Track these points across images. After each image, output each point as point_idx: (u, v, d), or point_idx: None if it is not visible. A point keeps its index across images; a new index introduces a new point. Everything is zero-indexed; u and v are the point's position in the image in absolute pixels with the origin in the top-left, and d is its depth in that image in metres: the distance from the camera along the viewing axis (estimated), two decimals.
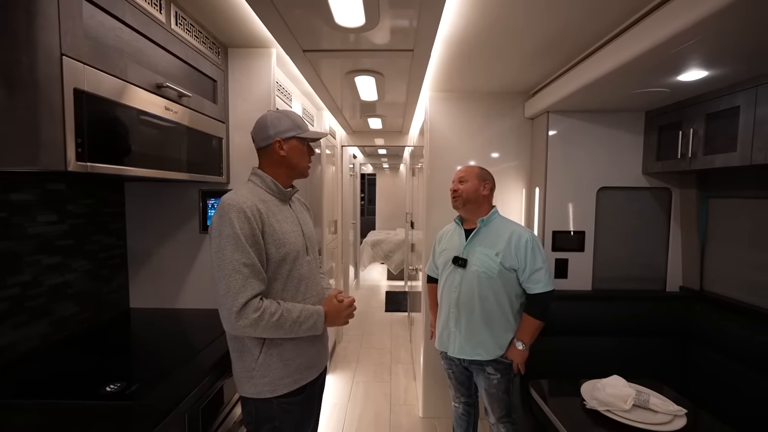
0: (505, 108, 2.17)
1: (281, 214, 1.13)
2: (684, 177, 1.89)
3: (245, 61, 1.66)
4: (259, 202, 1.07)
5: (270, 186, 1.14)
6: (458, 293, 1.53)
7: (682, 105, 1.64)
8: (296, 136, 1.14)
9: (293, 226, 1.15)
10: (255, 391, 1.07)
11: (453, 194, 1.57)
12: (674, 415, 1.15)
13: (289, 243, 1.10)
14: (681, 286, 1.95)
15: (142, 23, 1.09)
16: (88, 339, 1.36)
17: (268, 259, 1.06)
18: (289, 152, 1.14)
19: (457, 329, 1.55)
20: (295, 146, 1.15)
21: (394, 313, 4.46)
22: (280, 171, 1.16)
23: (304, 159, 1.18)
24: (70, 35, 0.84)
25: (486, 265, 1.47)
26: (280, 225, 1.10)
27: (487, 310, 1.49)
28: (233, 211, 0.99)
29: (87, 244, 1.46)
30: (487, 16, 1.29)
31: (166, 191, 1.67)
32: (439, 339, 1.64)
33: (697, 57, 1.20)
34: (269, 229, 1.06)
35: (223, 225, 0.98)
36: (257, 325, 0.98)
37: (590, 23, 1.29)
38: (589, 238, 1.98)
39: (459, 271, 1.53)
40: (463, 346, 1.54)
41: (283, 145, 1.13)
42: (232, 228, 0.98)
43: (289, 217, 1.16)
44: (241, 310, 0.96)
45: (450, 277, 1.57)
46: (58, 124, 0.82)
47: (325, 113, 2.83)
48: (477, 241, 1.53)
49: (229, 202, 1.01)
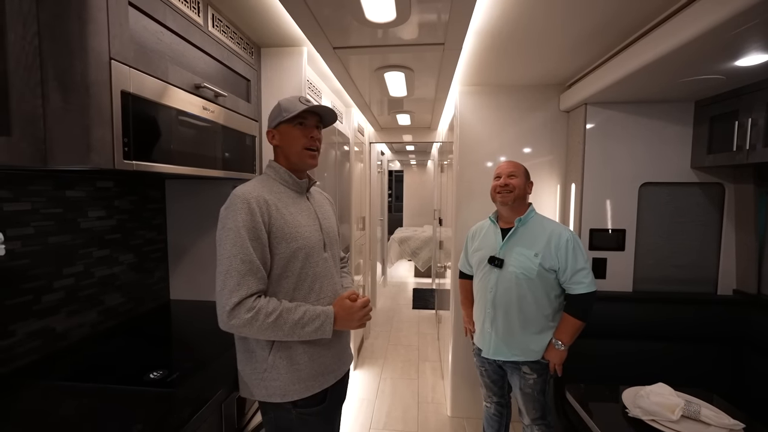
0: (538, 101, 2.09)
1: (295, 207, 1.07)
2: (739, 171, 1.75)
3: (277, 60, 1.69)
4: (268, 193, 1.02)
5: (284, 177, 1.09)
6: (494, 294, 1.49)
7: (739, 92, 1.51)
8: (281, 121, 1.06)
9: (309, 220, 1.08)
10: (267, 394, 1.01)
11: (502, 189, 1.48)
12: (730, 430, 1.06)
13: (302, 237, 1.03)
14: (735, 289, 1.80)
15: (182, 26, 1.13)
16: (133, 328, 1.44)
17: (277, 254, 0.99)
18: (280, 140, 1.08)
19: (493, 330, 1.51)
20: (284, 131, 1.07)
21: (421, 310, 4.43)
22: (282, 161, 1.10)
23: (296, 142, 1.07)
24: (118, 40, 0.88)
25: (524, 266, 1.42)
26: (293, 218, 1.04)
27: (524, 311, 1.45)
28: (238, 202, 0.95)
29: (132, 239, 1.55)
30: (521, 6, 1.24)
31: (203, 188, 1.74)
32: (477, 336, 1.61)
33: (760, 38, 1.10)
34: (278, 222, 1.00)
35: (227, 217, 0.95)
36: (251, 326, 0.91)
37: (638, 5, 1.21)
38: (630, 237, 1.88)
39: (495, 271, 1.49)
40: (499, 347, 1.50)
41: (274, 134, 1.09)
42: (234, 221, 0.94)
43: (305, 210, 1.09)
44: (234, 309, 0.91)
45: (485, 276, 1.53)
46: (107, 125, 0.86)
47: (354, 110, 2.84)
48: (514, 240, 1.48)
49: (235, 193, 0.97)
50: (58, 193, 1.23)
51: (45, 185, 1.19)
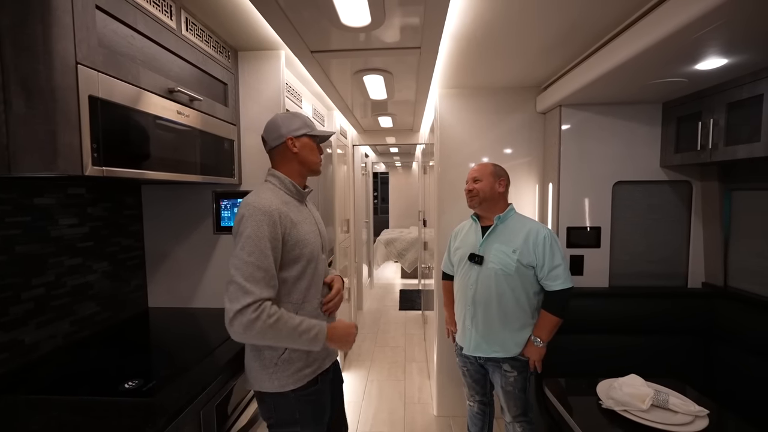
0: (516, 103, 2.14)
1: (301, 215, 1.15)
2: (705, 169, 1.82)
3: (255, 63, 1.68)
4: (282, 204, 1.09)
5: (289, 187, 1.16)
6: (474, 290, 1.52)
7: (702, 95, 1.58)
8: (307, 134, 1.18)
9: (311, 227, 1.18)
10: (278, 385, 1.09)
11: (468, 194, 1.56)
12: (695, 416, 1.11)
13: (310, 243, 1.13)
14: (703, 282, 1.88)
15: (153, 30, 1.11)
16: (108, 338, 1.41)
17: (293, 260, 1.08)
18: (301, 149, 1.16)
19: (473, 327, 1.53)
20: (306, 143, 1.18)
21: (408, 311, 4.45)
22: (294, 169, 1.18)
23: (315, 155, 1.21)
24: (85, 44, 0.87)
25: (503, 261, 1.46)
26: (301, 226, 1.12)
27: (504, 307, 1.48)
28: (258, 213, 1.01)
29: (107, 246, 1.51)
30: (495, 10, 1.27)
31: (181, 193, 1.71)
32: (458, 334, 1.64)
33: (717, 43, 1.16)
34: (292, 231, 1.08)
35: (249, 226, 1.00)
36: (253, 325, 0.95)
37: (605, 10, 1.25)
38: (606, 234, 1.93)
39: (475, 268, 1.52)
40: (479, 344, 1.53)
41: (295, 142, 1.16)
42: (256, 230, 0.99)
43: (307, 218, 1.19)
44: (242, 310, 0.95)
45: (466, 273, 1.56)
46: (74, 131, 0.84)
47: (336, 113, 2.85)
48: (493, 237, 1.51)
49: (254, 205, 1.02)
50: (26, 201, 1.19)
51: (11, 193, 1.15)
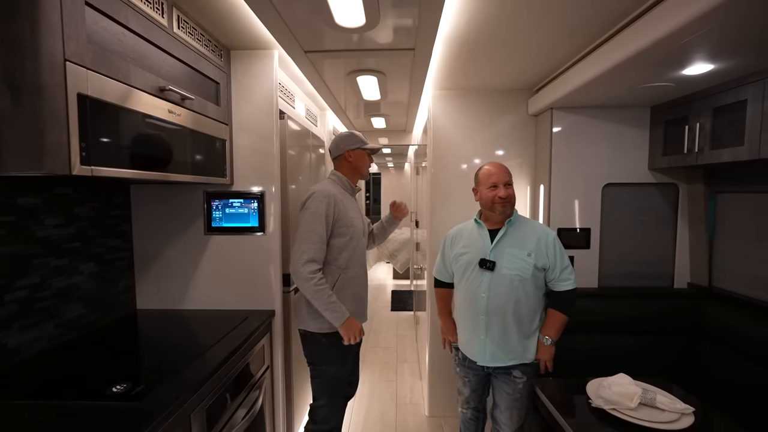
0: (508, 105, 2.16)
1: (350, 204, 1.56)
2: (691, 172, 1.87)
3: (247, 63, 1.67)
4: (338, 193, 1.52)
5: (344, 183, 1.60)
6: (487, 298, 1.43)
7: (689, 99, 1.62)
8: (360, 147, 1.59)
9: (357, 213, 1.59)
10: (319, 327, 1.48)
11: (504, 201, 1.41)
12: (681, 414, 1.13)
13: (355, 225, 1.53)
14: (689, 282, 1.92)
15: (144, 28, 1.10)
16: (96, 341, 1.38)
17: (340, 235, 1.48)
18: (354, 159, 1.60)
19: (488, 337, 1.44)
20: (359, 155, 1.61)
21: (399, 312, 4.45)
22: (349, 172, 1.62)
23: (365, 164, 1.64)
24: (74, 41, 0.85)
25: (519, 266, 1.40)
26: (349, 212, 1.52)
27: (519, 313, 1.42)
28: (322, 196, 1.44)
29: (94, 247, 1.48)
30: (487, 13, 1.28)
31: (171, 193, 1.69)
32: (466, 346, 1.54)
33: (704, 49, 1.18)
34: (342, 213, 1.48)
35: (313, 203, 1.43)
36: (309, 281, 1.38)
37: (596, 15, 1.27)
38: (595, 235, 1.96)
39: (486, 274, 1.43)
40: (495, 354, 1.45)
41: (351, 154, 1.59)
42: (317, 208, 1.42)
43: (355, 206, 1.61)
44: (306, 264, 1.38)
45: (474, 281, 1.46)
46: (62, 129, 0.83)
47: (329, 113, 2.84)
48: (505, 242, 1.44)
49: (320, 190, 1.46)
50: (9, 200, 1.16)
51: None
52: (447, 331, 1.64)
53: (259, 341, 1.55)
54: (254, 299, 1.72)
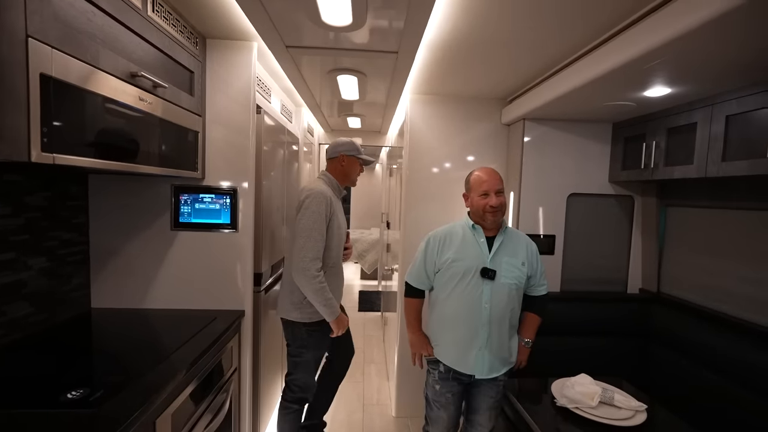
0: (483, 113, 2.22)
1: (338, 206, 1.67)
2: (646, 186, 2.02)
3: (224, 53, 1.60)
4: (332, 195, 1.61)
5: (335, 186, 1.70)
6: (490, 309, 1.38)
7: (647, 119, 1.75)
8: (355, 155, 1.71)
9: (342, 215, 1.72)
10: (299, 317, 1.59)
11: (495, 210, 1.38)
12: (635, 411, 1.23)
13: (342, 226, 1.67)
14: (641, 288, 2.08)
15: (116, 8, 1.02)
16: (46, 342, 1.27)
17: (333, 233, 1.59)
18: (347, 165, 1.71)
19: (487, 348, 1.40)
20: (352, 161, 1.72)
21: (367, 312, 4.46)
22: (339, 175, 1.72)
23: (355, 171, 1.75)
24: (38, 16, 0.78)
25: (516, 275, 1.40)
26: (338, 213, 1.64)
27: (512, 321, 1.43)
28: (321, 197, 1.54)
29: (44, 240, 1.36)
30: (471, 24, 1.31)
31: (135, 185, 1.58)
32: (457, 360, 1.43)
33: (663, 74, 1.29)
34: (335, 216, 1.61)
35: (313, 204, 1.52)
36: (313, 279, 1.48)
37: (569, 35, 1.35)
38: (559, 242, 2.07)
39: (488, 284, 1.38)
40: (493, 364, 1.42)
41: (345, 159, 1.70)
42: (317, 207, 1.52)
43: (341, 208, 1.73)
44: (312, 262, 1.48)
45: (474, 290, 1.39)
46: (22, 112, 0.75)
47: (304, 110, 2.79)
48: (502, 250, 1.42)
49: (318, 191, 1.56)
50: None
51: None
52: (421, 345, 1.52)
53: (227, 343, 1.49)
54: (223, 299, 1.65)
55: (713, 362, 1.52)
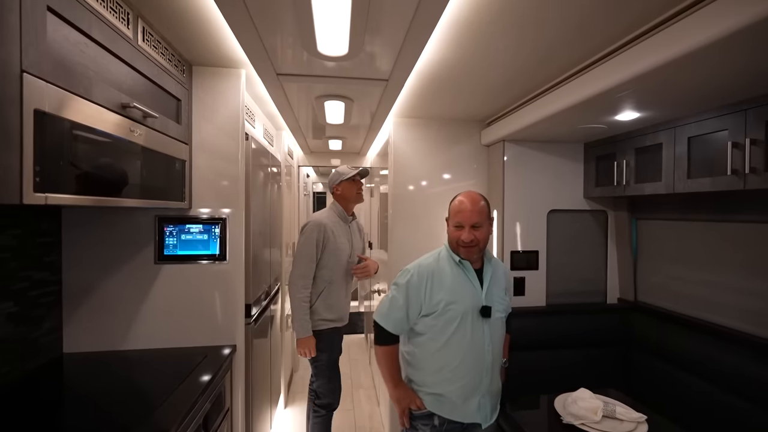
0: (463, 134, 2.30)
1: (340, 230, 1.96)
2: (617, 201, 2.16)
3: (211, 80, 1.57)
4: (329, 222, 1.92)
5: (339, 213, 2.02)
6: (492, 351, 1.26)
7: (615, 139, 1.89)
8: (341, 180, 1.98)
9: (345, 239, 1.98)
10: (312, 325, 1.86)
11: (467, 245, 1.25)
12: (637, 422, 1.27)
13: (341, 249, 1.94)
14: (619, 298, 2.19)
15: (108, 38, 0.99)
16: (9, 394, 1.13)
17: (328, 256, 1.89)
18: (342, 191, 2.00)
19: (489, 393, 1.28)
20: (344, 186, 2.00)
21: (350, 335, 4.36)
22: (341, 202, 2.02)
23: (351, 191, 2.01)
24: (33, 49, 0.73)
25: (504, 307, 1.32)
26: (338, 238, 1.93)
27: (500, 354, 1.33)
28: (314, 225, 1.87)
29: (13, 282, 1.24)
30: (459, 55, 1.38)
31: (113, 217, 1.49)
32: (459, 411, 1.27)
33: (632, 102, 1.41)
34: (331, 239, 1.90)
35: (307, 230, 1.87)
36: (299, 293, 1.81)
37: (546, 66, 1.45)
38: (542, 257, 2.15)
39: (487, 323, 1.25)
40: (494, 407, 1.33)
41: (337, 188, 2.00)
42: (310, 234, 1.86)
43: (345, 233, 2.00)
44: (299, 278, 1.82)
45: (474, 333, 1.24)
46: (15, 151, 0.70)
47: (285, 133, 2.77)
48: (491, 282, 1.31)
49: (314, 221, 1.90)
50: None
51: None
52: (408, 398, 1.31)
53: (219, 383, 1.40)
54: (213, 334, 1.56)
55: (691, 366, 1.61)
